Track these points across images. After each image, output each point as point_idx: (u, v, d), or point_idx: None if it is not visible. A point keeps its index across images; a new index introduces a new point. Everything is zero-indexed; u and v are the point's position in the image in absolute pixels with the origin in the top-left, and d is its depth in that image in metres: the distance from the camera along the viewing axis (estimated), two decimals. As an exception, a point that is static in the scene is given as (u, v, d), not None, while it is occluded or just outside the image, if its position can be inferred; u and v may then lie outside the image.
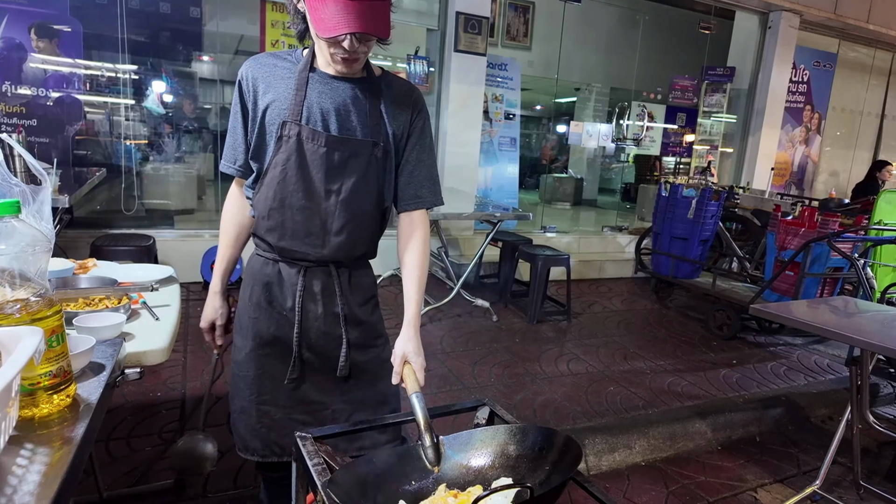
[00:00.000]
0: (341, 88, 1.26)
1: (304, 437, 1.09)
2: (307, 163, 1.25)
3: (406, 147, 1.36)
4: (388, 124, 1.31)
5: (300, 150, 1.24)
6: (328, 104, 1.25)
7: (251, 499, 1.99)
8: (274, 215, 1.29)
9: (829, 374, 3.69)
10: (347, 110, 1.26)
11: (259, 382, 1.36)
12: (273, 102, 1.25)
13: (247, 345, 1.36)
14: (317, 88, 1.25)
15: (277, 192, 1.27)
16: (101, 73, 4.85)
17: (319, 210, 1.28)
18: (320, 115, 1.24)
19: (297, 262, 1.33)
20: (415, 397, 1.13)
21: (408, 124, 1.34)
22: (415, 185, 1.37)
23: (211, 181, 6.72)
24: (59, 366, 0.83)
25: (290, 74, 1.26)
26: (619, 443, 2.64)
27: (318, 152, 1.24)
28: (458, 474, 1.04)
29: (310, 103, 1.24)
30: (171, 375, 2.85)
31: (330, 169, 1.26)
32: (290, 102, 1.24)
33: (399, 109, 1.32)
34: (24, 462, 0.70)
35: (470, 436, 1.10)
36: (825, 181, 8.38)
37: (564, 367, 3.41)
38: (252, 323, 1.36)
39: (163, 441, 2.30)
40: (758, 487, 2.49)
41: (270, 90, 1.26)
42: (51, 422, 0.81)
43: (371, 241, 1.39)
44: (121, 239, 3.79)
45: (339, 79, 1.26)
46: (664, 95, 7.32)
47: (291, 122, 1.23)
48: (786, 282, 3.94)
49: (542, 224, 6.33)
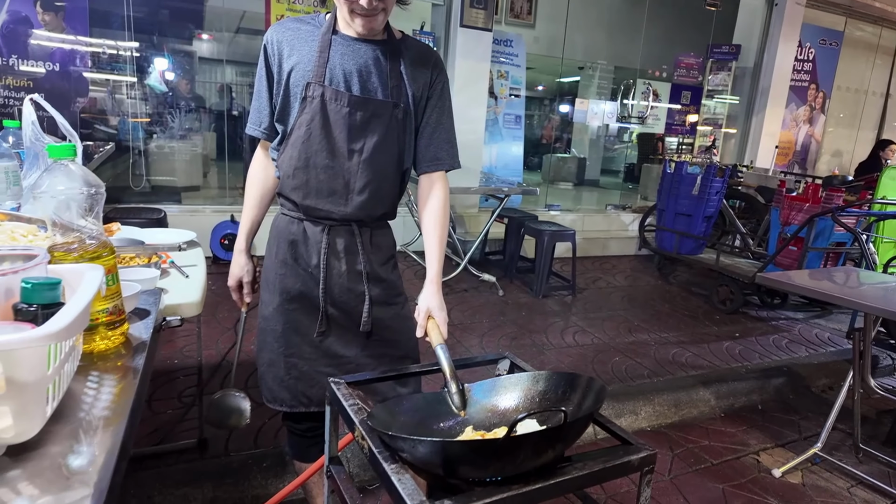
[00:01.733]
0: (363, 50, 1.29)
1: (337, 383, 1.14)
2: (330, 123, 1.29)
3: (426, 109, 1.39)
4: (408, 86, 1.34)
5: (324, 110, 1.28)
6: (350, 65, 1.28)
7: (271, 457, 2.06)
8: (299, 174, 1.32)
9: (829, 346, 3.76)
10: (369, 72, 1.30)
11: (286, 336, 1.41)
12: (297, 65, 1.28)
13: (274, 300, 1.41)
14: (339, 50, 1.28)
15: (302, 152, 1.30)
16: (104, 50, 4.83)
17: (342, 169, 1.32)
18: (343, 77, 1.28)
19: (321, 221, 1.37)
20: (439, 349, 1.19)
21: (427, 86, 1.38)
22: (434, 148, 1.41)
23: (214, 160, 6.73)
24: (114, 304, 0.87)
25: (313, 37, 1.29)
26: (625, 409, 2.71)
27: (341, 112, 1.28)
28: (483, 417, 1.10)
29: (333, 65, 1.27)
30: (187, 344, 2.91)
31: (352, 129, 1.30)
32: (313, 64, 1.27)
33: (419, 71, 1.36)
34: (94, 386, 0.75)
35: (494, 383, 1.15)
36: (828, 161, 8.39)
37: (570, 339, 3.48)
38: (279, 279, 1.40)
39: (182, 405, 2.36)
40: (760, 451, 2.57)
41: (295, 53, 1.29)
42: (108, 356, 0.86)
43: (391, 202, 1.43)
44: (133, 212, 3.82)
45: (360, 41, 1.29)
46: (669, 74, 7.29)
47: (315, 84, 1.26)
48: (789, 257, 3.99)
49: (547, 202, 6.35)
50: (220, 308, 3.32)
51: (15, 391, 0.56)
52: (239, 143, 5.95)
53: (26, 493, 0.55)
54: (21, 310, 0.64)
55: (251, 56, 6.50)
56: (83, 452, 0.61)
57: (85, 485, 0.55)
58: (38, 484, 0.56)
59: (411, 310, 1.40)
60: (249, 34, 6.41)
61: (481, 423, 1.08)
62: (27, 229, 0.95)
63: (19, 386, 0.56)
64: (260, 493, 1.94)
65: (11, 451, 0.60)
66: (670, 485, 2.25)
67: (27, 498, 0.54)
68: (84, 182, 0.84)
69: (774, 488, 2.28)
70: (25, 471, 0.58)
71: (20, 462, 0.59)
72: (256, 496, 1.93)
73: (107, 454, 0.60)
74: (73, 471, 0.58)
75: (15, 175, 1.19)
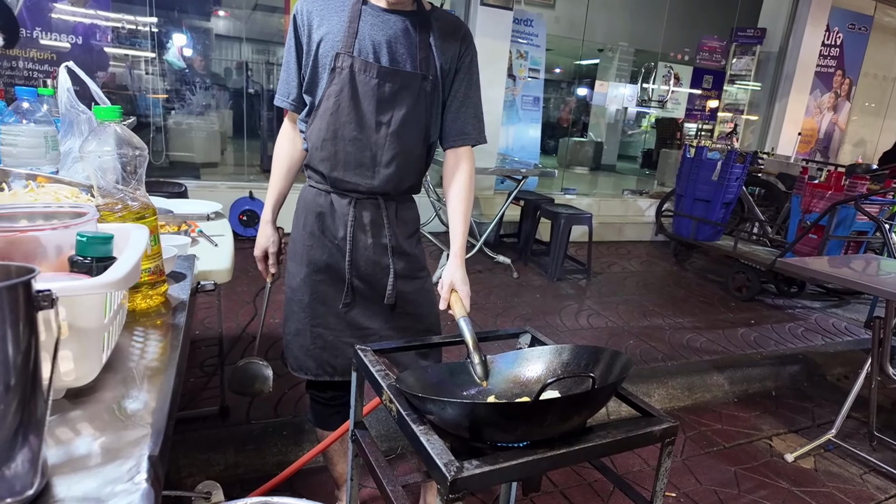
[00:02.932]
0: (392, 21, 1.29)
1: (364, 350, 1.17)
2: (359, 94, 1.29)
3: (454, 82, 1.39)
4: (436, 58, 1.34)
5: (353, 81, 1.28)
6: (380, 36, 1.28)
7: (291, 425, 2.11)
8: (327, 146, 1.33)
9: (846, 336, 3.73)
10: (398, 43, 1.30)
11: (313, 306, 1.43)
12: (327, 35, 1.29)
13: (301, 271, 1.43)
14: (369, 21, 1.28)
15: (330, 124, 1.31)
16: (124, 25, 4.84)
17: (370, 142, 1.33)
18: (372, 48, 1.28)
19: (347, 194, 1.38)
20: (462, 321, 1.21)
21: (456, 59, 1.38)
22: (461, 122, 1.42)
23: (232, 137, 6.77)
24: (155, 264, 0.90)
25: (343, 7, 1.29)
26: (638, 391, 2.73)
27: (370, 84, 1.28)
28: (505, 387, 1.12)
29: (362, 35, 1.27)
30: (207, 316, 2.97)
31: (381, 101, 1.30)
32: (343, 35, 1.27)
33: (448, 43, 1.36)
34: (140, 341, 0.78)
35: (517, 355, 1.17)
36: (851, 150, 8.22)
37: (584, 322, 3.49)
38: (306, 251, 1.42)
39: (204, 374, 2.42)
40: (773, 436, 2.58)
41: (324, 23, 1.29)
42: (150, 314, 0.89)
43: (417, 176, 1.44)
44: (154, 185, 3.85)
45: (390, 11, 1.29)
46: (691, 57, 7.16)
47: (344, 54, 1.27)
48: (808, 245, 3.95)
49: (563, 186, 6.32)
50: (240, 282, 3.38)
51: (76, 336, 0.59)
52: (257, 120, 5.96)
53: (86, 432, 0.58)
54: (77, 262, 0.67)
55: (269, 33, 6.50)
56: (137, 398, 0.64)
57: (141, 426, 0.58)
58: (97, 425, 0.59)
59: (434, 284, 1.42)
60: (267, 11, 6.39)
61: (503, 394, 1.10)
62: (70, 191, 0.98)
63: (80, 331, 0.59)
64: (280, 459, 2.00)
65: (70, 395, 0.63)
66: (682, 465, 2.27)
67: (89, 436, 0.57)
68: (128, 144, 0.87)
69: (786, 472, 2.29)
70: (85, 412, 0.61)
71: (79, 405, 0.62)
72: (276, 462, 1.99)
73: (159, 399, 0.62)
74: (128, 414, 0.61)
75: (54, 140, 1.22)
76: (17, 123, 1.14)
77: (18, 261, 0.69)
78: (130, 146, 0.86)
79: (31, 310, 0.46)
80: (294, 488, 1.90)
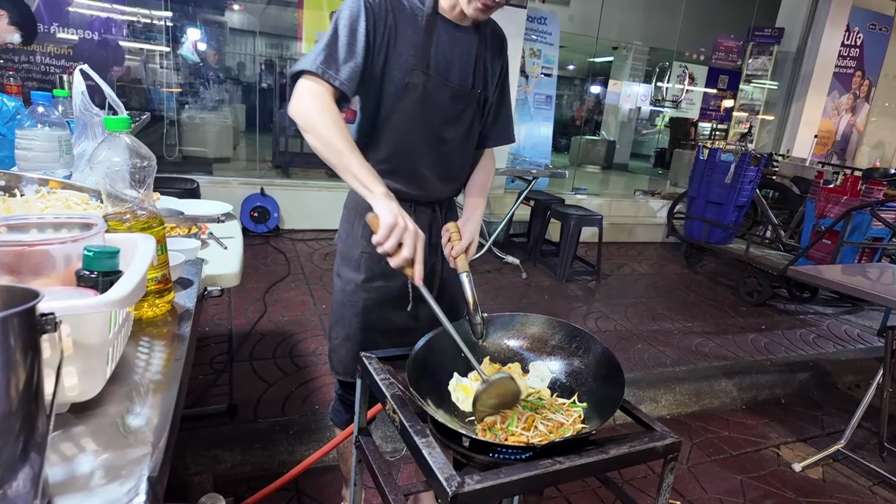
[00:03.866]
0: (461, 38, 1.29)
1: (369, 357, 1.17)
2: (429, 112, 1.29)
3: (496, 89, 1.42)
4: (489, 73, 1.36)
5: (424, 98, 1.27)
6: (452, 54, 1.28)
7: (298, 424, 2.13)
8: (395, 160, 1.32)
9: (858, 343, 3.68)
10: (465, 60, 1.30)
11: (366, 311, 1.43)
12: (401, 44, 1.24)
13: (357, 277, 1.41)
14: (443, 37, 1.27)
15: (401, 137, 1.30)
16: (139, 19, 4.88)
17: (434, 158, 1.34)
18: (445, 66, 1.27)
19: (404, 202, 1.32)
20: (464, 276, 1.21)
21: (499, 69, 1.40)
22: (499, 125, 1.46)
23: (244, 132, 6.80)
24: (162, 273, 0.91)
25: (414, 16, 1.25)
26: (645, 396, 2.72)
27: (441, 103, 1.29)
28: (498, 350, 1.20)
29: (436, 51, 1.26)
30: (217, 313, 2.99)
31: (448, 118, 1.31)
32: (417, 49, 1.24)
33: (496, 57, 1.38)
34: (145, 352, 0.79)
35: (511, 318, 1.22)
36: (868, 153, 8.09)
37: (593, 324, 3.47)
38: (364, 258, 1.40)
39: (213, 371, 2.44)
40: (780, 445, 2.56)
41: (399, 32, 1.24)
42: (156, 322, 0.90)
43: (465, 181, 1.48)
44: (167, 182, 3.90)
45: (461, 27, 1.28)
46: (707, 56, 7.07)
47: (420, 71, 1.24)
48: (822, 250, 3.90)
49: (574, 185, 6.28)
50: (249, 279, 3.41)
51: (81, 353, 0.60)
52: (269, 115, 5.98)
53: (89, 448, 0.59)
54: (83, 276, 0.68)
55: (282, 28, 6.51)
56: (140, 413, 0.64)
57: (143, 444, 0.59)
58: (99, 441, 0.60)
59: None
60: (281, 6, 6.40)
61: (496, 357, 1.18)
62: (80, 198, 0.99)
63: (84, 348, 0.60)
64: (286, 458, 2.02)
65: (74, 409, 0.64)
66: (688, 473, 2.26)
67: (91, 454, 0.58)
68: (137, 155, 0.87)
69: (794, 482, 2.27)
70: (88, 427, 0.61)
71: (83, 419, 0.63)
72: (283, 461, 2.00)
73: (161, 416, 0.63)
74: (131, 430, 0.61)
75: (67, 144, 1.23)
76: (32, 128, 1.15)
77: (28, 272, 0.70)
78: (139, 157, 0.87)
79: (34, 334, 0.47)
80: (300, 488, 1.92)
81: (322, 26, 5.17)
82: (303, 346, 2.72)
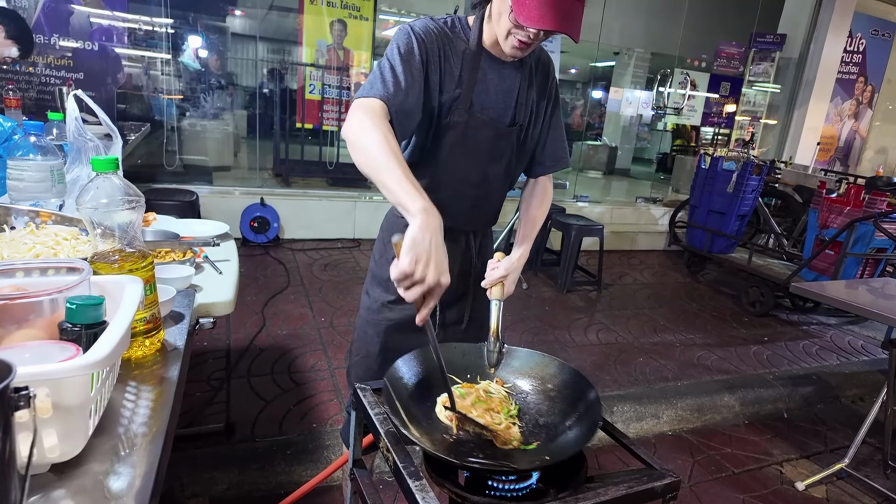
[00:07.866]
0: (508, 75, 1.28)
1: (363, 389, 1.16)
2: (470, 149, 1.29)
3: (546, 113, 1.40)
4: (534, 104, 1.35)
5: (466, 136, 1.27)
6: (496, 92, 1.28)
7: (296, 444, 2.11)
8: (434, 195, 1.31)
9: (862, 355, 3.65)
10: (509, 99, 1.30)
11: (388, 331, 1.43)
12: (446, 79, 1.23)
13: (386, 297, 1.42)
14: (487, 75, 1.26)
15: (443, 173, 1.30)
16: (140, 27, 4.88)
17: (473, 192, 1.35)
18: (488, 104, 1.27)
19: None
20: (494, 304, 1.21)
21: (546, 95, 1.39)
22: (553, 148, 1.43)
23: (245, 138, 6.80)
24: (151, 312, 0.90)
25: (458, 50, 1.24)
26: (646, 412, 2.69)
27: (483, 141, 1.29)
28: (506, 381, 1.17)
29: (479, 90, 1.25)
30: (216, 328, 2.97)
31: (490, 155, 1.32)
32: (460, 86, 1.24)
33: (542, 85, 1.37)
34: (132, 398, 0.77)
35: (531, 356, 1.18)
36: (872, 158, 8.06)
37: (594, 337, 3.45)
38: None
39: (211, 388, 2.43)
40: (784, 462, 2.53)
41: (445, 68, 1.23)
42: (145, 363, 0.89)
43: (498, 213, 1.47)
44: (166, 194, 3.90)
45: (505, 63, 1.27)
46: (708, 63, 7.05)
47: (462, 110, 1.24)
48: (825, 261, 3.87)
49: (575, 193, 6.26)
50: (248, 291, 3.39)
51: (61, 415, 0.58)
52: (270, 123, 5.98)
53: (70, 512, 0.57)
54: (66, 329, 0.66)
55: (284, 33, 6.51)
56: (122, 473, 0.63)
57: (125, 508, 0.57)
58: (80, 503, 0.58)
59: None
60: (282, 11, 6.40)
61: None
62: (69, 232, 0.97)
63: (64, 409, 0.58)
64: (284, 479, 2.00)
65: (55, 467, 0.62)
66: (689, 492, 2.23)
67: (71, 519, 0.56)
68: (125, 193, 0.86)
69: (797, 502, 2.24)
70: (69, 489, 0.60)
71: (64, 479, 0.61)
72: (280, 482, 1.99)
73: (143, 478, 0.62)
74: (113, 493, 0.60)
75: (60, 174, 1.22)
76: (24, 158, 1.14)
77: (11, 323, 0.69)
78: (127, 195, 0.85)
79: (6, 412, 0.45)
80: (296, 510, 1.90)
81: (322, 32, 5.15)
82: (301, 362, 2.71)
